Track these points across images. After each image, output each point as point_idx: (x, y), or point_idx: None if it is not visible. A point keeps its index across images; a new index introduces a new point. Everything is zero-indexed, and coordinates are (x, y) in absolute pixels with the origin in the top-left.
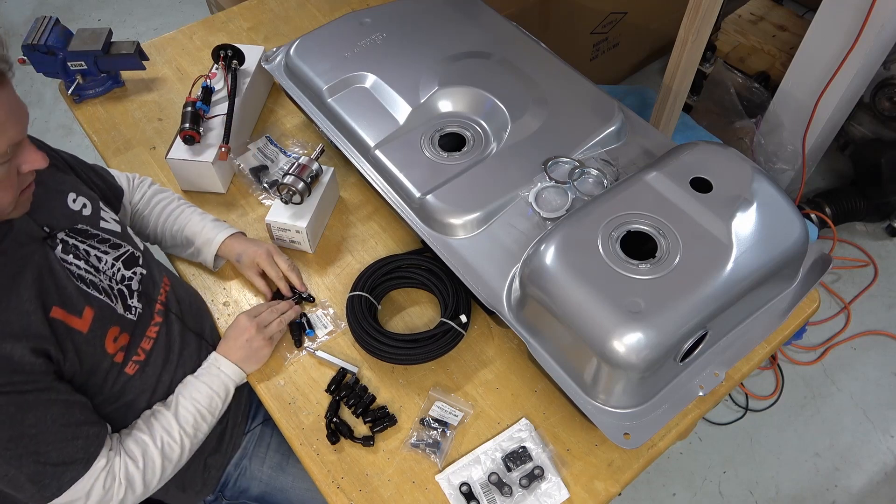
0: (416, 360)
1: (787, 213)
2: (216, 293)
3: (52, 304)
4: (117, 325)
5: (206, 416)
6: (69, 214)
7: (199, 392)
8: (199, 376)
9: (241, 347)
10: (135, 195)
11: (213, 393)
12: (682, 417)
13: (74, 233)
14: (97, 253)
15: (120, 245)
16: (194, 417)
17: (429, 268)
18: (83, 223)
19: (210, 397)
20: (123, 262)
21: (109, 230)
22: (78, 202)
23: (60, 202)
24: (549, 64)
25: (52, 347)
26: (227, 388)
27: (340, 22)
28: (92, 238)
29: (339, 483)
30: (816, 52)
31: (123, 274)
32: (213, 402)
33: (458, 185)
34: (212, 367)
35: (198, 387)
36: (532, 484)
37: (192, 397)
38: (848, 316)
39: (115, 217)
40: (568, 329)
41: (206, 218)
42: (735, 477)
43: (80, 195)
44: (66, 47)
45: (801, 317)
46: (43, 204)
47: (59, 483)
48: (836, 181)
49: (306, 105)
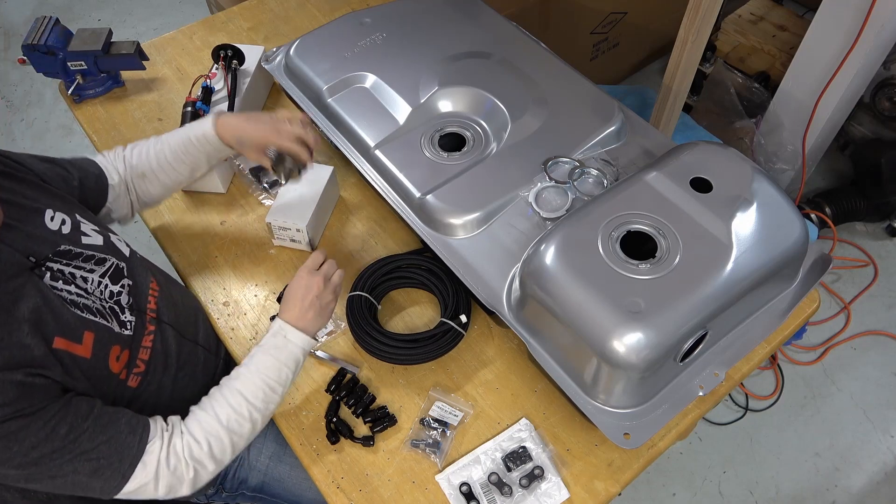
0: (416, 360)
1: (787, 213)
2: (216, 293)
3: (54, 334)
4: (117, 344)
5: (277, 388)
6: (49, 237)
7: (266, 367)
8: (267, 349)
9: (311, 307)
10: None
11: (282, 365)
12: (682, 417)
13: (58, 256)
14: (83, 273)
15: (105, 259)
16: (264, 392)
17: (429, 268)
18: (65, 243)
19: (278, 370)
20: (110, 277)
21: (92, 245)
22: (56, 220)
23: (39, 224)
24: (549, 64)
25: (62, 377)
26: (296, 359)
27: (340, 22)
28: (76, 258)
29: (339, 483)
30: (816, 52)
31: (112, 290)
32: (283, 373)
33: (458, 185)
34: (278, 338)
35: (265, 362)
36: (532, 484)
37: (261, 372)
38: (848, 316)
39: (94, 228)
40: (568, 329)
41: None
42: (735, 477)
43: (56, 211)
44: (66, 47)
45: (801, 317)
46: (21, 229)
47: (121, 471)
48: (836, 181)
49: (306, 105)
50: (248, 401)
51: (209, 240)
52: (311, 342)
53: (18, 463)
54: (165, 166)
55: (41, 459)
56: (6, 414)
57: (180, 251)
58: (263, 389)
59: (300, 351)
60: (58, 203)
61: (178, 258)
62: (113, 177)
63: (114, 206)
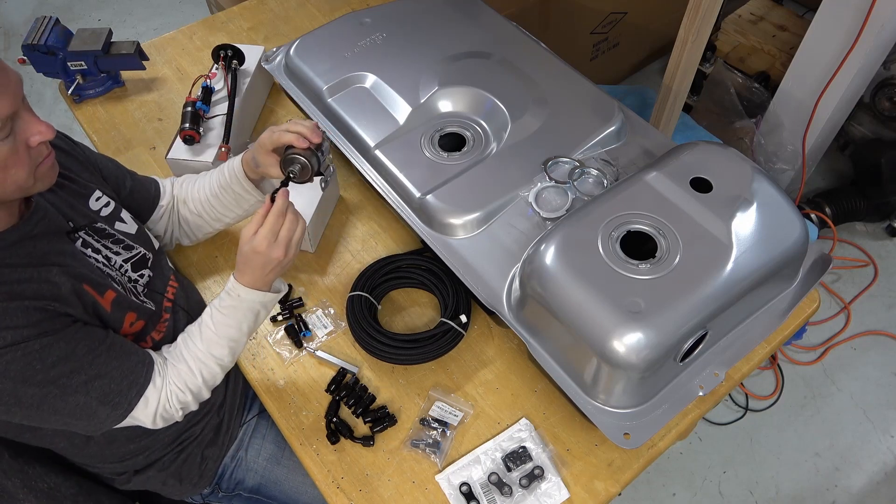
0: (416, 360)
1: (787, 213)
2: (216, 293)
3: (82, 281)
4: (135, 312)
5: (240, 338)
6: (89, 214)
7: (227, 327)
8: (223, 310)
9: (271, 272)
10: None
11: (241, 320)
12: (682, 417)
13: (92, 231)
14: (108, 253)
15: (132, 247)
16: (228, 348)
17: (429, 268)
18: (101, 222)
19: (238, 325)
20: (132, 264)
21: (124, 232)
22: (100, 201)
23: (83, 201)
24: (549, 64)
25: (82, 315)
26: (255, 312)
27: (340, 22)
28: (107, 238)
29: (339, 483)
30: (816, 52)
31: (130, 276)
32: (244, 327)
33: (458, 185)
34: (233, 299)
35: (225, 322)
36: (532, 484)
37: (220, 331)
38: (848, 316)
39: (132, 218)
40: (568, 329)
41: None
42: (735, 477)
43: (104, 194)
44: (66, 47)
45: (801, 317)
46: (67, 199)
47: (128, 398)
48: (836, 181)
49: (306, 105)
50: (215, 355)
51: (209, 240)
52: (270, 296)
53: (39, 381)
54: (203, 198)
55: (59, 378)
56: (30, 335)
57: (180, 251)
58: (228, 346)
59: (258, 304)
60: (108, 191)
61: (178, 258)
62: (166, 196)
63: (155, 225)
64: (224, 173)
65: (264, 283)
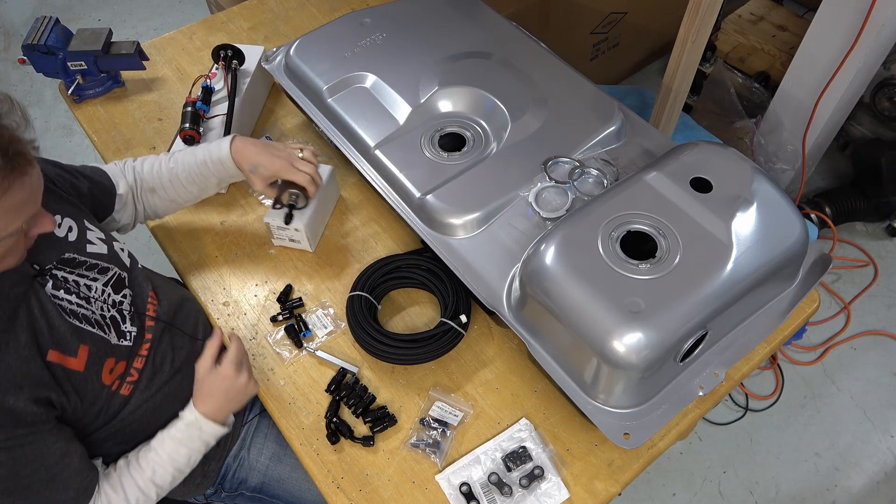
0: (416, 360)
1: (787, 213)
2: (216, 293)
3: (48, 347)
4: (112, 357)
5: (186, 469)
6: (55, 244)
7: (179, 455)
8: (180, 440)
9: (233, 401)
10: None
11: (193, 451)
12: (682, 417)
13: (63, 264)
14: (86, 282)
15: (107, 269)
16: (173, 476)
17: (429, 268)
18: (70, 251)
19: (189, 456)
20: (112, 286)
21: (96, 254)
22: (63, 226)
23: (46, 236)
24: (549, 64)
25: (53, 393)
26: (207, 444)
27: (340, 22)
28: (80, 266)
29: (339, 483)
30: (816, 52)
31: (114, 298)
32: (193, 458)
33: (458, 185)
34: (192, 430)
35: (178, 450)
36: (532, 484)
37: (172, 459)
38: (848, 316)
39: (100, 236)
40: (568, 329)
41: (200, 146)
42: (735, 477)
43: (64, 216)
44: (66, 47)
45: (801, 317)
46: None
47: None
48: (836, 181)
49: (306, 105)
50: (157, 484)
51: (209, 239)
52: (224, 430)
53: None
54: (176, 184)
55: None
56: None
57: (180, 251)
58: (173, 475)
59: (213, 438)
60: (67, 208)
61: (177, 258)
62: (120, 186)
63: (118, 215)
64: (206, 162)
65: (225, 412)
